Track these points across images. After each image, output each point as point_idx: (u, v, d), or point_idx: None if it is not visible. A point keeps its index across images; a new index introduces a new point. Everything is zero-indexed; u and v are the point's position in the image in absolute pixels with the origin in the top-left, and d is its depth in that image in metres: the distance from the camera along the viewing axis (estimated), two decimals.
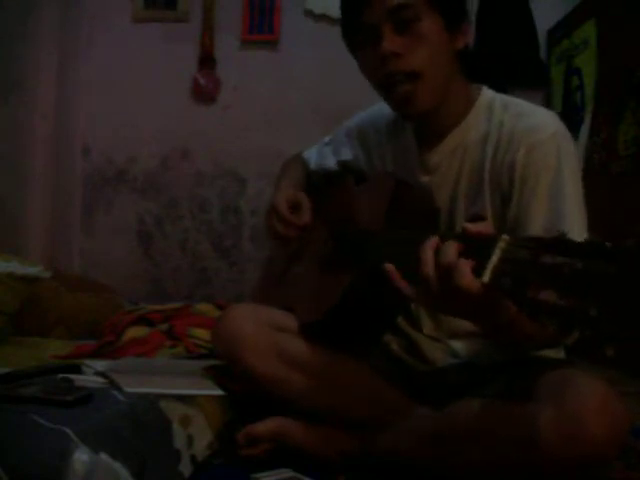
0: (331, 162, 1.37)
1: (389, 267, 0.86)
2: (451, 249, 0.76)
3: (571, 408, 0.85)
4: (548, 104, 2.38)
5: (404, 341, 1.22)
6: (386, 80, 1.07)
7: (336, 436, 1.15)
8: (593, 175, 1.95)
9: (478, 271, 0.71)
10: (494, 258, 0.68)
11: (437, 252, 0.78)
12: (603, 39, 2.01)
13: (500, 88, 1.17)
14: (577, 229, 0.98)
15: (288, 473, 1.07)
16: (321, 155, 1.40)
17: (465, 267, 0.73)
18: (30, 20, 2.45)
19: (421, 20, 1.04)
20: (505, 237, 0.68)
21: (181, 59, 2.59)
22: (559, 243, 0.62)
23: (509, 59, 2.38)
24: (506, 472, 0.93)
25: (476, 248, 0.73)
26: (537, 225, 1.00)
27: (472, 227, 0.77)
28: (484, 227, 0.77)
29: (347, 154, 1.34)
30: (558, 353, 1.15)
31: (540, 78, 2.43)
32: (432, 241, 0.80)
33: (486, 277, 0.69)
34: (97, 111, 2.64)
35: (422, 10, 1.04)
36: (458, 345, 1.17)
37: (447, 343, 1.18)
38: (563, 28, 2.32)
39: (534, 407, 0.89)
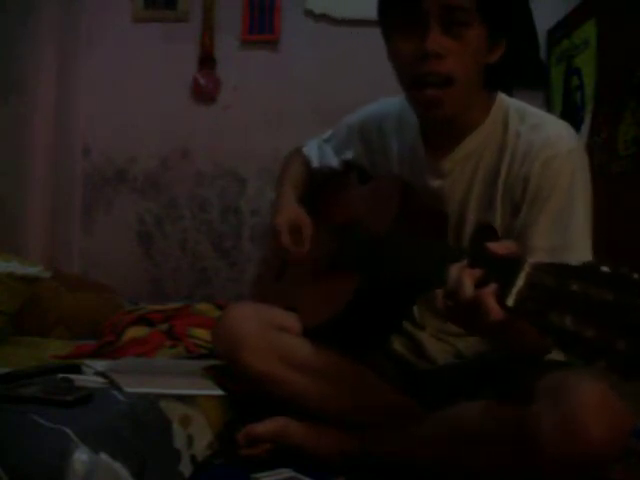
0: (333, 161, 1.36)
1: (438, 294, 0.81)
2: (467, 282, 0.74)
3: (571, 408, 0.85)
4: (548, 104, 2.38)
5: (407, 340, 1.22)
6: (419, 78, 1.04)
7: (336, 436, 1.15)
8: (593, 175, 1.95)
9: (502, 294, 0.69)
10: (519, 282, 0.67)
11: (457, 286, 0.76)
12: (603, 39, 2.01)
13: (500, 89, 1.17)
14: (582, 249, 0.99)
15: (288, 473, 1.07)
16: (322, 153, 1.39)
17: (489, 299, 0.72)
18: (30, 20, 2.45)
19: (470, 26, 1.02)
20: (530, 261, 0.67)
21: (181, 59, 2.59)
22: (586, 271, 0.60)
23: (509, 59, 2.37)
24: (506, 473, 0.93)
25: (501, 270, 0.71)
26: (543, 241, 1.00)
27: (495, 247, 0.75)
28: (507, 247, 0.76)
29: (349, 153, 1.32)
30: (559, 354, 1.15)
31: (540, 78, 2.43)
32: (458, 269, 0.77)
33: (510, 301, 0.68)
34: (97, 111, 2.63)
35: (473, 17, 1.01)
36: (461, 345, 1.17)
37: (451, 342, 1.18)
38: (563, 28, 2.32)
39: (534, 408, 0.89)
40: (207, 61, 2.58)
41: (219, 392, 1.19)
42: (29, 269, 1.62)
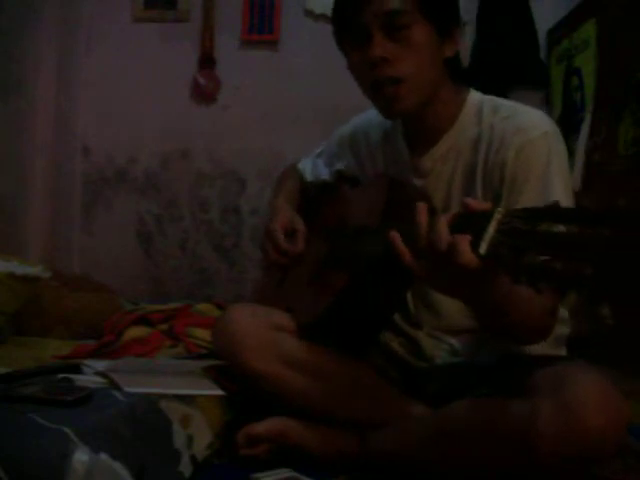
0: (324, 173, 1.40)
1: (393, 234, 0.85)
2: (442, 223, 0.77)
3: (569, 401, 0.86)
4: (548, 104, 2.38)
5: (404, 339, 1.22)
6: (374, 83, 1.08)
7: (336, 436, 1.15)
8: (593, 175, 1.95)
9: (475, 244, 0.72)
10: (490, 230, 0.69)
11: (431, 227, 0.79)
12: (603, 39, 2.01)
13: (500, 89, 1.17)
14: None
15: (288, 473, 1.07)
16: (315, 167, 1.42)
17: (463, 243, 0.74)
18: (30, 20, 2.45)
19: (412, 27, 1.05)
20: (500, 209, 0.70)
21: (181, 59, 2.59)
22: (553, 211, 0.64)
23: (509, 59, 2.37)
24: (506, 468, 0.93)
25: (473, 222, 0.74)
26: None
27: (470, 201, 0.78)
28: (481, 203, 0.78)
29: (340, 163, 1.36)
30: (559, 350, 1.15)
31: (540, 78, 2.43)
32: (422, 208, 0.81)
33: (483, 249, 0.70)
34: (97, 111, 2.64)
35: (414, 17, 1.05)
36: (457, 342, 1.18)
37: (447, 341, 1.18)
38: (563, 28, 2.32)
39: (532, 401, 0.90)
40: (207, 61, 2.58)
41: (219, 392, 1.19)
42: (29, 269, 1.62)
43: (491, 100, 1.14)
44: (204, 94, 2.60)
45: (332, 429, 1.16)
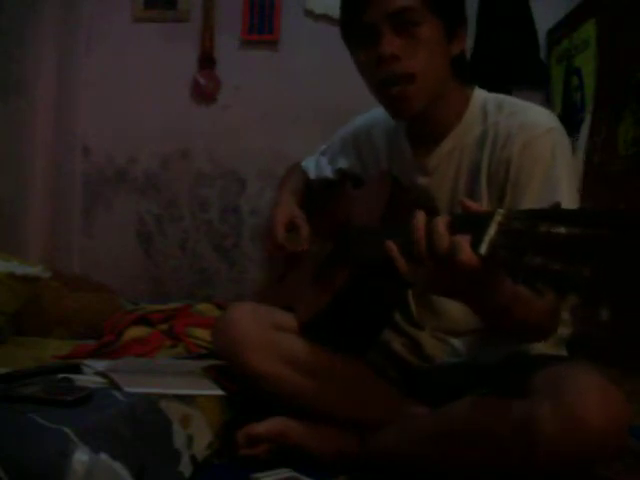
0: (328, 172, 1.40)
1: (389, 245, 0.85)
2: (441, 225, 0.77)
3: (569, 401, 0.85)
4: (548, 104, 2.38)
5: (406, 340, 1.22)
6: (382, 81, 1.07)
7: (336, 436, 1.15)
8: (593, 175, 1.95)
9: (475, 245, 0.72)
10: (491, 231, 0.69)
11: (430, 230, 0.78)
12: (603, 39, 2.01)
13: (500, 89, 1.17)
14: None
15: (288, 473, 1.07)
16: (318, 165, 1.43)
17: (464, 243, 0.74)
18: (30, 20, 2.45)
19: (421, 24, 1.05)
20: (500, 210, 0.70)
21: (181, 59, 2.59)
22: (554, 213, 0.64)
23: (509, 59, 2.37)
24: (506, 469, 0.93)
25: (473, 223, 0.74)
26: None
27: (470, 203, 0.78)
28: (481, 205, 0.80)
29: (343, 162, 1.36)
30: (560, 350, 1.15)
31: (540, 78, 2.43)
32: (420, 216, 0.81)
33: (483, 249, 0.70)
34: (97, 111, 2.63)
35: (423, 14, 1.04)
36: (459, 343, 1.18)
37: (448, 341, 1.18)
38: (563, 28, 2.32)
39: (532, 401, 0.90)
40: (207, 61, 2.58)
41: (219, 392, 1.19)
42: (29, 269, 1.62)
43: (496, 97, 1.14)
44: (204, 94, 2.60)
45: (332, 429, 1.16)
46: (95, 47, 2.62)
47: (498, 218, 0.69)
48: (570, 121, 2.14)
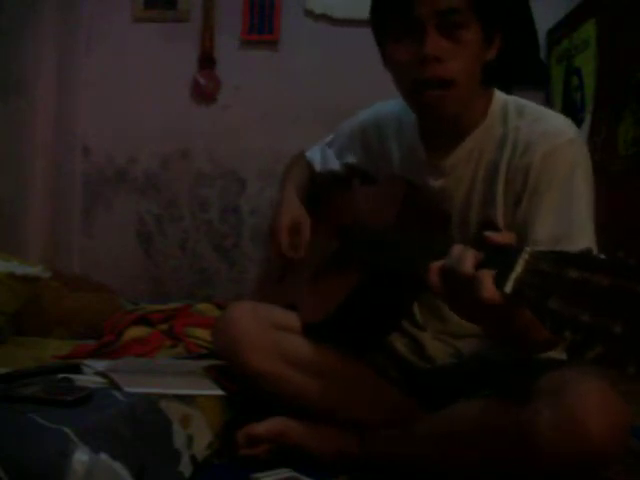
0: (335, 165, 1.36)
1: (434, 268, 0.80)
2: (468, 260, 0.75)
3: (570, 406, 0.85)
4: (548, 104, 2.38)
5: (408, 341, 1.22)
6: (421, 82, 1.03)
7: (336, 436, 1.15)
8: (593, 175, 1.95)
9: (500, 281, 0.70)
10: (518, 269, 0.67)
11: (457, 262, 0.76)
12: (603, 39, 2.01)
13: (500, 89, 1.17)
14: (584, 239, 0.97)
15: (288, 473, 1.07)
16: (325, 157, 1.39)
17: (487, 279, 0.72)
18: (30, 20, 2.45)
19: (466, 27, 1.01)
20: (528, 249, 0.68)
21: (181, 59, 2.59)
22: (584, 258, 0.61)
23: (509, 58, 2.37)
24: (506, 472, 0.93)
25: (498, 258, 0.72)
26: (545, 231, 0.99)
27: (494, 236, 0.76)
28: (505, 237, 0.76)
29: (351, 157, 1.32)
30: (560, 354, 1.15)
31: (540, 78, 2.43)
32: (456, 250, 0.78)
33: (508, 288, 0.68)
34: (97, 111, 2.64)
35: (469, 17, 1.01)
36: (462, 345, 1.17)
37: (450, 343, 1.18)
38: (563, 28, 2.32)
39: (533, 406, 0.89)
40: (207, 61, 2.59)
41: (219, 392, 1.19)
42: (29, 269, 1.62)
43: (515, 100, 1.12)
44: (204, 94, 2.60)
45: (332, 429, 1.15)
46: (95, 47, 2.62)
47: (525, 256, 0.67)
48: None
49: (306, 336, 1.18)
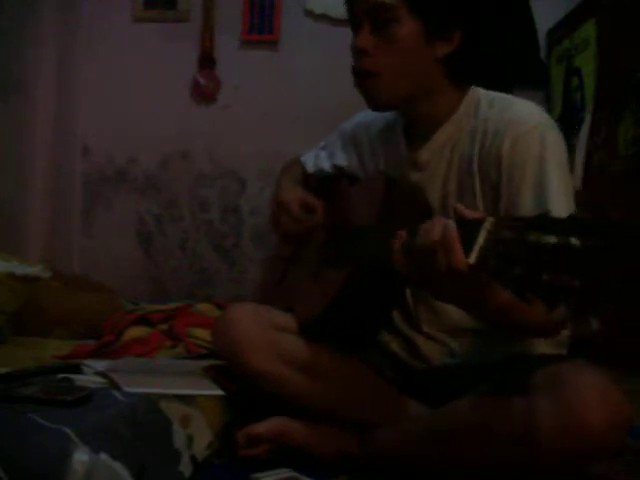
0: (326, 166, 1.40)
1: (395, 241, 0.86)
2: (436, 228, 0.78)
3: (568, 398, 0.85)
4: (548, 104, 2.38)
5: (402, 341, 1.22)
6: (353, 72, 1.11)
7: (336, 436, 1.15)
8: (593, 175, 1.95)
9: (465, 253, 0.72)
10: (480, 239, 0.69)
11: (425, 233, 0.79)
12: (603, 39, 2.01)
13: (500, 89, 1.17)
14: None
15: (288, 473, 1.07)
16: (317, 159, 1.42)
17: (455, 244, 0.75)
18: (30, 20, 2.45)
19: (398, 23, 1.06)
20: (490, 218, 0.70)
21: (181, 59, 2.59)
22: (543, 221, 0.63)
23: (509, 59, 2.37)
24: (505, 467, 0.93)
25: (463, 230, 0.74)
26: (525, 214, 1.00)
27: (463, 209, 0.79)
28: (474, 213, 0.79)
29: (341, 159, 1.36)
30: (560, 351, 1.15)
31: (540, 78, 2.43)
32: (426, 224, 0.81)
33: (472, 258, 0.70)
34: (97, 111, 2.63)
35: (401, 13, 1.06)
36: (456, 344, 1.18)
37: (445, 342, 1.18)
38: (563, 28, 2.32)
39: (531, 400, 0.90)
40: (207, 61, 2.58)
41: (219, 392, 1.19)
42: (29, 269, 1.62)
43: (488, 94, 1.15)
44: (204, 94, 2.60)
45: (332, 429, 1.16)
46: (95, 47, 2.62)
47: (487, 226, 0.69)
48: (570, 121, 2.15)
49: (303, 336, 1.18)
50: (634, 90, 1.77)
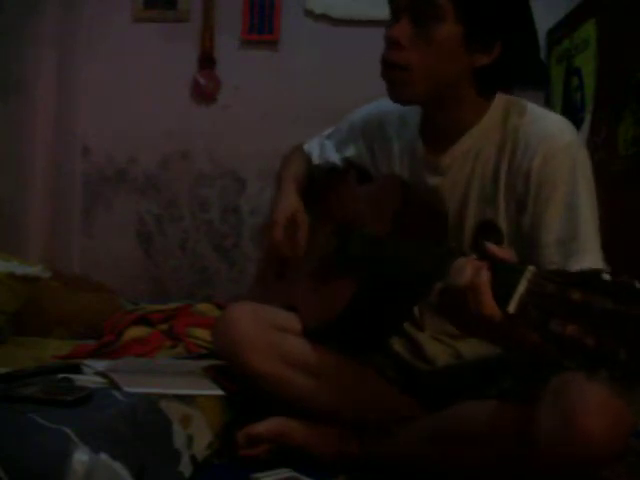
0: (334, 157, 1.35)
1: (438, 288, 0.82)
2: (468, 271, 0.75)
3: (571, 407, 0.85)
4: (548, 104, 2.38)
5: (406, 341, 1.22)
6: (381, 61, 1.07)
7: (336, 436, 1.15)
8: (593, 175, 1.95)
9: (504, 299, 0.69)
10: (520, 288, 0.67)
11: (456, 274, 0.77)
12: (603, 39, 2.01)
13: (500, 89, 1.16)
14: (590, 241, 0.98)
15: (288, 473, 1.07)
16: (323, 149, 1.38)
17: (486, 295, 0.73)
18: (30, 20, 2.45)
19: (441, 22, 1.02)
20: (531, 268, 0.67)
21: (181, 59, 2.59)
22: (588, 279, 0.60)
23: (509, 59, 2.37)
24: (506, 471, 0.93)
25: (499, 275, 0.72)
26: (551, 235, 0.99)
27: (497, 251, 0.76)
28: (505, 252, 0.77)
29: (350, 151, 1.31)
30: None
31: (540, 78, 2.43)
32: (464, 260, 0.79)
33: (512, 307, 0.68)
34: (97, 111, 2.63)
35: (447, 13, 1.01)
36: (461, 346, 1.17)
37: (450, 344, 1.18)
38: (563, 28, 2.32)
39: (534, 408, 0.89)
40: (207, 61, 2.58)
41: (219, 392, 1.19)
42: (29, 269, 1.62)
43: (517, 102, 1.12)
44: (204, 94, 2.60)
45: (332, 429, 1.16)
46: (95, 47, 2.62)
47: (528, 275, 0.66)
48: (570, 121, 2.14)
49: (306, 337, 1.18)
50: (634, 90, 1.77)
